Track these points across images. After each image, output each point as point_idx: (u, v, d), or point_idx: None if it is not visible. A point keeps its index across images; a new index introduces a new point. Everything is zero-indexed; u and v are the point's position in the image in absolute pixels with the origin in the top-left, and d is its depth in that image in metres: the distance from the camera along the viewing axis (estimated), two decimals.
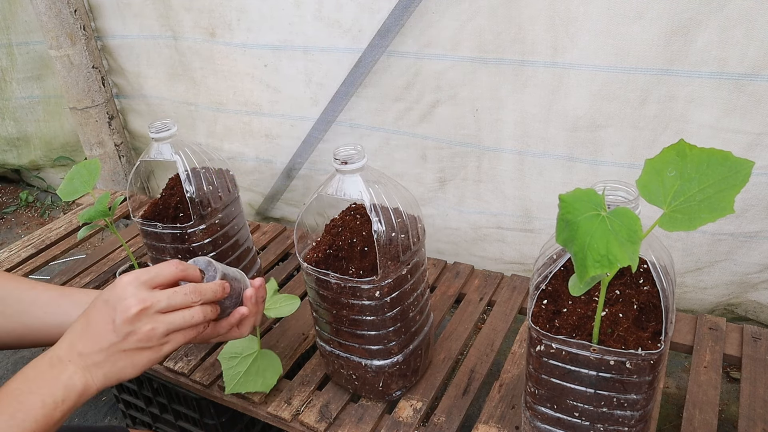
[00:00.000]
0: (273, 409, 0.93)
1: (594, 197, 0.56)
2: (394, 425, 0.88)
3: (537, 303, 0.71)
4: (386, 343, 0.86)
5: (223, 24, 1.42)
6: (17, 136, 2.21)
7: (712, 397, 0.88)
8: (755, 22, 0.91)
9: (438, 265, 1.24)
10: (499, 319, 1.08)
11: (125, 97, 1.82)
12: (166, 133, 0.97)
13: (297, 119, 1.45)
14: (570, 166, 1.17)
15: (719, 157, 0.54)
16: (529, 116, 1.16)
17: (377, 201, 0.79)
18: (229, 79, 1.50)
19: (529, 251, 1.34)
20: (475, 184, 1.31)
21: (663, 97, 1.03)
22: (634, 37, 0.99)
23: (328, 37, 1.29)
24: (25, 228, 2.34)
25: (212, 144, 1.66)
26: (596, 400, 0.67)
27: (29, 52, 2.00)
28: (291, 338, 1.08)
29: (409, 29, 1.18)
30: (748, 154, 1.01)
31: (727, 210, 0.52)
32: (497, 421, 0.87)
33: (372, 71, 1.26)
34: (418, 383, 0.95)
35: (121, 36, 1.67)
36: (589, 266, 0.52)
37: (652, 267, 0.66)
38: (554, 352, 0.66)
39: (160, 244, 1.03)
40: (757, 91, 0.96)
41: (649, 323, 0.67)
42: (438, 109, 1.25)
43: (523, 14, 1.06)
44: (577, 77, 1.07)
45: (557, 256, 0.69)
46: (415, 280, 0.86)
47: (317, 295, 0.86)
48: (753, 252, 1.12)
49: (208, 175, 1.02)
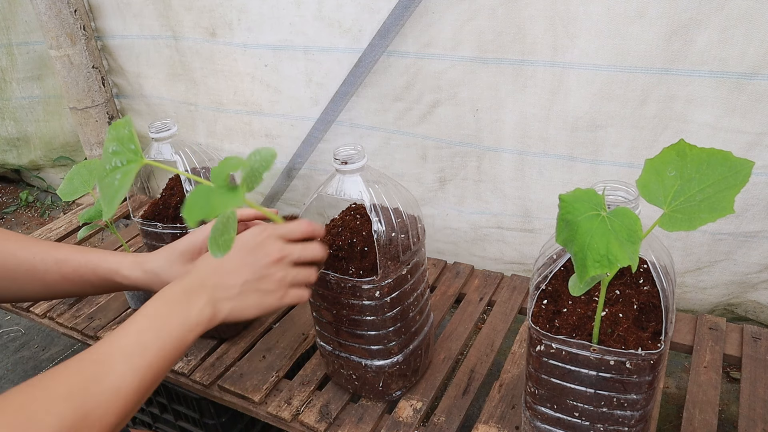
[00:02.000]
0: (273, 409, 0.93)
1: (594, 197, 0.56)
2: (394, 425, 0.88)
3: (537, 303, 0.71)
4: (386, 343, 0.86)
5: (224, 24, 1.42)
6: (17, 136, 2.21)
7: (712, 397, 0.88)
8: (755, 22, 0.91)
9: (438, 265, 1.24)
10: (499, 319, 1.08)
11: (125, 97, 1.82)
12: (166, 133, 0.97)
13: (297, 119, 1.45)
14: (570, 166, 1.17)
15: (719, 157, 0.54)
16: (529, 116, 1.16)
17: (377, 201, 0.79)
18: (229, 79, 1.50)
19: (529, 251, 1.34)
20: (475, 184, 1.31)
21: (663, 97, 1.03)
22: (634, 37, 0.99)
23: (328, 37, 1.29)
24: (25, 228, 2.34)
25: (212, 144, 1.66)
26: (596, 400, 0.67)
27: (29, 52, 2.01)
28: (291, 338, 1.08)
29: (409, 29, 1.18)
30: (748, 154, 1.01)
31: (727, 210, 0.52)
32: (497, 421, 0.87)
33: (372, 71, 1.26)
34: (418, 383, 0.95)
35: (121, 36, 1.67)
36: (589, 266, 0.52)
37: (652, 267, 0.66)
38: (554, 352, 0.66)
39: (160, 244, 1.03)
40: (757, 90, 0.96)
41: (649, 323, 0.67)
42: (438, 109, 1.25)
43: (523, 14, 1.06)
44: (577, 77, 1.07)
45: (557, 256, 0.69)
46: (415, 280, 0.86)
47: (317, 295, 0.86)
48: (753, 252, 1.12)
49: (208, 175, 1.03)
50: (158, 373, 0.61)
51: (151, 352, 0.60)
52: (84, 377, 0.56)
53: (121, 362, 0.58)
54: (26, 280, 0.78)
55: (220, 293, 0.68)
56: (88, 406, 0.54)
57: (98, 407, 0.55)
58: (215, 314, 0.67)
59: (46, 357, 1.73)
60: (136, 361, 0.59)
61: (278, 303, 0.71)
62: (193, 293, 0.67)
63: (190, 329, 0.65)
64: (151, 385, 0.61)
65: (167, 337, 0.62)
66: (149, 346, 0.61)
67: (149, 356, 0.60)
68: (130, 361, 0.59)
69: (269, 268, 0.69)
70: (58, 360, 1.71)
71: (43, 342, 1.79)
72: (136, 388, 0.58)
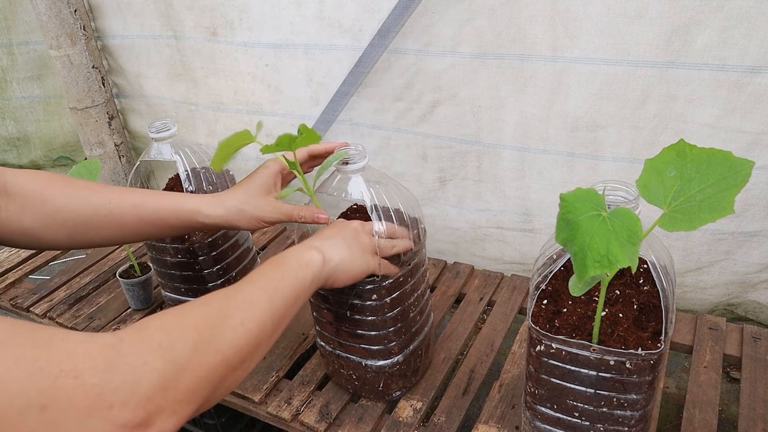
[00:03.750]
0: (273, 409, 0.93)
1: (594, 197, 0.56)
2: (394, 425, 0.88)
3: (537, 303, 0.71)
4: (386, 343, 0.86)
5: (225, 23, 1.42)
6: (17, 136, 2.21)
7: (712, 397, 0.88)
8: (755, 22, 0.91)
9: (438, 265, 1.24)
10: (499, 319, 1.08)
11: (125, 97, 1.82)
12: (166, 133, 0.97)
13: (297, 119, 1.45)
14: (570, 165, 1.17)
15: (719, 157, 0.54)
16: (529, 116, 1.16)
17: (378, 201, 0.79)
18: (230, 78, 1.50)
19: (529, 251, 1.34)
20: (476, 184, 1.31)
21: (663, 97, 1.03)
22: (634, 37, 0.99)
23: (328, 36, 1.29)
24: None
25: (213, 144, 1.66)
26: (596, 400, 0.67)
27: (29, 52, 2.00)
28: (291, 338, 1.08)
29: (410, 29, 1.18)
30: (748, 154, 1.01)
31: (727, 210, 0.52)
32: (497, 421, 0.87)
33: (372, 71, 1.27)
34: (418, 383, 0.95)
35: (121, 36, 1.67)
36: (589, 266, 0.52)
37: (652, 267, 0.66)
38: (554, 352, 0.66)
39: (160, 243, 1.03)
40: (757, 90, 0.96)
41: (649, 323, 0.67)
42: (438, 108, 1.25)
43: (523, 14, 1.06)
44: (577, 77, 1.07)
45: (557, 256, 0.69)
46: (415, 281, 0.86)
47: (317, 295, 0.86)
48: (753, 252, 1.12)
49: (208, 175, 1.03)
50: (284, 297, 0.63)
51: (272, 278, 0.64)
52: (219, 294, 0.59)
53: (247, 284, 0.61)
54: (102, 225, 0.79)
55: (327, 244, 0.72)
56: (227, 311, 0.56)
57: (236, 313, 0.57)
58: (327, 261, 0.71)
59: None
60: (259, 283, 0.62)
61: (376, 265, 0.77)
62: (303, 248, 0.71)
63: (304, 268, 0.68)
64: (281, 307, 0.63)
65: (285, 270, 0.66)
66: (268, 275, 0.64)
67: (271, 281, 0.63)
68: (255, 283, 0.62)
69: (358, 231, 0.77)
70: None
71: None
72: (267, 303, 0.61)
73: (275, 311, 0.61)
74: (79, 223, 0.78)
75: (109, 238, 0.81)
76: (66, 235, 0.78)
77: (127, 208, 0.79)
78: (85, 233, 0.79)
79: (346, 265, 0.73)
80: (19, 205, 0.75)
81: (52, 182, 0.77)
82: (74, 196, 0.78)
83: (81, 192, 0.78)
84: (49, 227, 0.77)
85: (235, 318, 0.56)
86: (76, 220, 0.77)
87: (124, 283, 1.17)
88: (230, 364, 0.54)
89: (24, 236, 0.77)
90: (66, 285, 1.32)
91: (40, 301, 1.27)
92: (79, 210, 0.77)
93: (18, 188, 0.75)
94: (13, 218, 0.75)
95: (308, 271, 0.68)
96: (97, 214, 0.78)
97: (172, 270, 1.06)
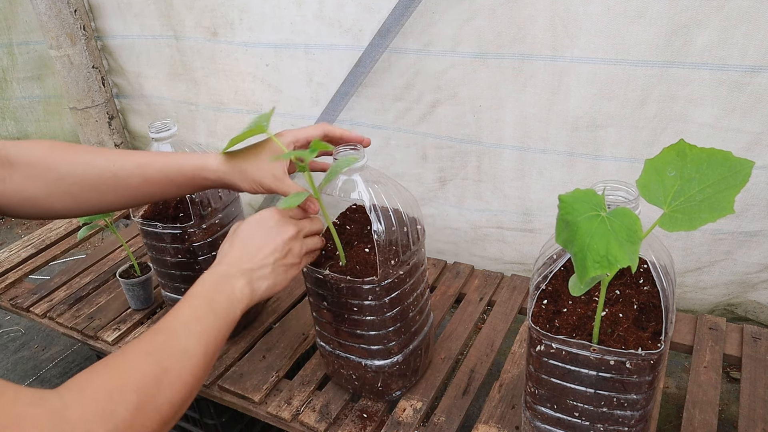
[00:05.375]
0: (273, 409, 0.93)
1: (594, 197, 0.56)
2: (394, 425, 0.88)
3: (537, 303, 0.71)
4: (386, 343, 0.86)
5: (225, 23, 1.42)
6: (17, 136, 2.21)
7: (712, 397, 0.88)
8: (755, 22, 0.91)
9: (438, 265, 1.24)
10: (499, 319, 1.08)
11: (125, 97, 1.82)
12: (166, 133, 0.97)
13: (298, 118, 1.45)
14: (570, 166, 1.17)
15: (719, 157, 0.54)
16: (529, 116, 1.16)
17: (377, 201, 0.79)
18: (230, 78, 1.50)
19: (529, 251, 1.34)
20: (476, 184, 1.31)
21: (663, 97, 1.03)
22: (634, 37, 0.99)
23: (328, 36, 1.29)
24: (25, 228, 2.34)
25: (213, 144, 1.66)
26: (596, 400, 0.67)
27: (30, 52, 2.01)
28: (291, 338, 1.08)
29: (410, 29, 1.18)
30: (748, 154, 1.01)
31: (727, 210, 0.52)
32: (497, 421, 0.87)
33: (372, 71, 1.26)
34: (418, 383, 0.95)
35: (121, 36, 1.67)
36: (589, 267, 0.52)
37: (652, 267, 0.66)
38: (554, 352, 0.66)
39: (160, 244, 1.03)
40: (757, 90, 0.96)
41: (649, 323, 0.67)
42: (438, 108, 1.25)
43: (523, 14, 1.06)
44: (577, 77, 1.07)
45: (557, 256, 0.69)
46: (414, 280, 0.86)
47: (317, 295, 0.86)
48: (753, 252, 1.12)
49: None
50: (216, 341, 0.65)
51: (206, 322, 0.65)
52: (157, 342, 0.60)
53: (182, 330, 0.63)
54: (108, 188, 0.79)
55: (255, 275, 0.73)
56: (166, 363, 0.58)
57: (174, 365, 0.59)
58: (254, 292, 0.72)
59: (46, 357, 1.73)
60: (194, 328, 0.63)
61: (297, 272, 0.78)
62: (232, 277, 0.71)
63: (235, 306, 0.69)
64: (213, 352, 0.65)
65: (217, 310, 0.67)
66: (202, 317, 0.65)
67: (205, 325, 0.64)
68: (190, 329, 0.63)
69: (289, 244, 0.76)
70: (58, 360, 1.72)
71: (43, 342, 1.79)
72: (202, 351, 0.62)
73: (208, 358, 0.63)
74: (85, 187, 0.78)
75: (116, 201, 0.81)
76: (72, 201, 0.78)
77: (132, 169, 0.79)
78: (91, 198, 0.79)
79: (270, 291, 0.74)
80: (23, 174, 0.75)
81: (55, 149, 0.78)
82: (78, 161, 0.78)
83: (84, 156, 0.79)
84: (54, 194, 0.77)
85: (172, 372, 0.58)
86: (81, 185, 0.78)
87: (124, 283, 1.17)
88: (165, 420, 0.56)
89: (30, 206, 0.77)
90: (66, 285, 1.32)
91: (40, 301, 1.27)
92: (83, 174, 0.78)
93: (21, 158, 0.75)
94: (17, 188, 0.75)
95: (238, 308, 0.69)
96: (102, 177, 0.78)
97: (172, 270, 1.06)
